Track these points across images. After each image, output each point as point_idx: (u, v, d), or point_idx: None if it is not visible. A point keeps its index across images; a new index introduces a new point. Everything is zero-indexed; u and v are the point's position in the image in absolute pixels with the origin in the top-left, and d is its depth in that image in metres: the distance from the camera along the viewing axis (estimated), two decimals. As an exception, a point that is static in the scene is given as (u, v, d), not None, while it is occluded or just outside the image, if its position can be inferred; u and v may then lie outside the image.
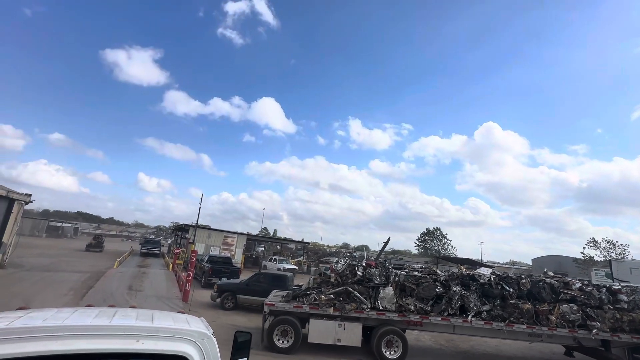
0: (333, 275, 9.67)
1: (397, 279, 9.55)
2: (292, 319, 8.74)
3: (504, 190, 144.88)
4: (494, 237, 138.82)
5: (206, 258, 22.10)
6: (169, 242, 58.45)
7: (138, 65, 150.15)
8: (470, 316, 8.88)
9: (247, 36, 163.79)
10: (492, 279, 9.64)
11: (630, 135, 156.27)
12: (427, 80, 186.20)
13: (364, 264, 10.05)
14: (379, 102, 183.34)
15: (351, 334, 8.63)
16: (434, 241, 73.84)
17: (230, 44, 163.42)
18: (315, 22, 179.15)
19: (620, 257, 41.58)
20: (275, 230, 55.20)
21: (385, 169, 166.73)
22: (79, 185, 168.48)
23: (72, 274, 17.91)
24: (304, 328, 9.02)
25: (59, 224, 65.17)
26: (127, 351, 2.15)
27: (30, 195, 19.87)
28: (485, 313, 9.04)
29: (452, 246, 72.44)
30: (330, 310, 8.75)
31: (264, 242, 49.21)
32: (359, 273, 9.53)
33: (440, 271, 10.47)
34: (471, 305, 9.07)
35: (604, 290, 9.97)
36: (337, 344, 8.62)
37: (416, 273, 9.96)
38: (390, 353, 8.60)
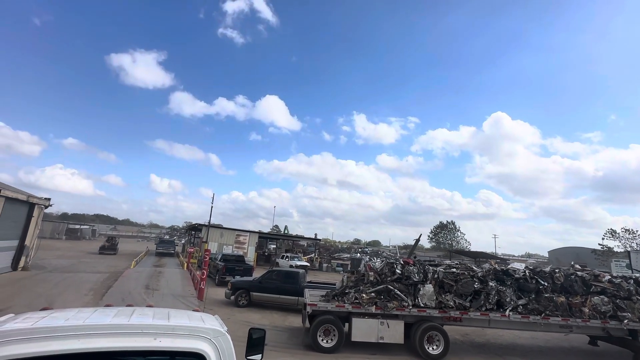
0: (371, 273, 9.67)
1: (436, 276, 9.59)
2: (334, 318, 8.76)
3: (516, 182, 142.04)
4: (507, 229, 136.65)
5: (219, 256, 22.43)
6: (182, 241, 59.59)
7: (143, 68, 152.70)
8: (507, 310, 9.02)
9: (247, 35, 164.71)
10: (527, 274, 9.79)
11: None
12: (430, 72, 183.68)
13: (401, 262, 10.06)
14: (383, 96, 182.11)
15: (394, 332, 8.67)
16: (447, 235, 72.98)
17: (232, 44, 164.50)
18: (314, 18, 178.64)
19: (640, 247, 40.31)
20: (286, 226, 55.54)
21: (393, 163, 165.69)
22: (94, 188, 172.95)
23: (91, 275, 18.47)
24: (344, 327, 9.09)
25: (77, 227, 67.15)
26: (145, 349, 2.22)
27: (49, 199, 20.54)
28: (521, 307, 9.20)
29: (465, 240, 71.45)
30: (373, 309, 8.77)
31: (275, 240, 49.60)
32: (397, 271, 9.57)
33: (476, 267, 10.54)
34: (507, 299, 9.22)
35: (632, 281, 10.14)
36: (381, 341, 8.65)
37: (454, 270, 9.96)
38: (432, 349, 8.66)
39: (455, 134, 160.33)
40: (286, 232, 53.94)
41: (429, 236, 76.92)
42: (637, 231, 42.27)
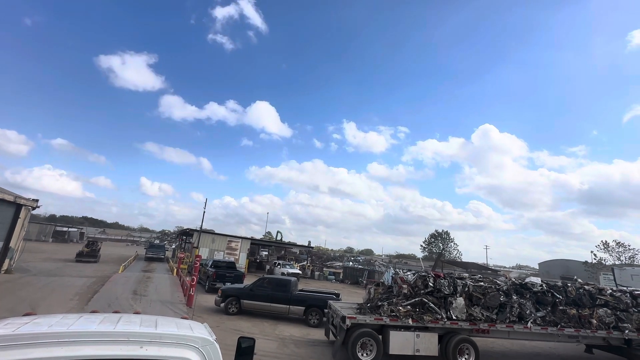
0: (405, 286, 9.83)
1: (466, 289, 9.91)
2: (373, 331, 8.76)
3: (505, 193, 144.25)
4: (498, 240, 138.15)
5: (210, 262, 22.12)
6: (173, 246, 58.68)
7: (133, 70, 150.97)
8: (529, 322, 9.58)
9: (237, 41, 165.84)
10: (544, 288, 10.45)
11: (626, 137, 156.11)
12: (419, 83, 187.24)
13: (432, 275, 10.24)
14: (372, 105, 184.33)
15: (429, 344, 8.83)
16: (440, 244, 73.22)
17: (222, 49, 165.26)
18: (303, 26, 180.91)
19: (631, 261, 40.96)
20: (278, 232, 54.99)
21: (383, 172, 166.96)
22: (83, 190, 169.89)
23: (77, 279, 18.04)
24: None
25: (65, 229, 65.72)
26: (131, 357, 2.17)
27: (37, 200, 20.13)
28: (539, 319, 9.77)
29: (458, 250, 71.72)
30: (409, 321, 8.91)
31: (267, 247, 49.18)
32: (430, 284, 9.79)
33: (500, 281, 10.91)
34: (527, 312, 9.77)
35: (628, 295, 10.96)
36: (417, 354, 8.72)
37: (481, 283, 10.35)
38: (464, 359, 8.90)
39: (445, 145, 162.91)
40: (280, 237, 53.54)
41: (422, 245, 77.10)
42: (628, 245, 42.98)
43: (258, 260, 42.11)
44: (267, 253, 49.24)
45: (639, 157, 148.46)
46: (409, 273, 10.71)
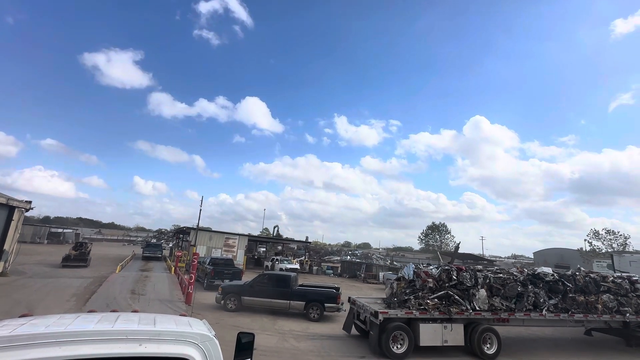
0: (430, 280, 10.16)
1: (487, 281, 10.35)
2: (404, 325, 9.07)
3: (498, 184, 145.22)
4: (493, 231, 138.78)
5: (208, 260, 22.12)
6: (170, 245, 58.50)
7: (119, 68, 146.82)
8: (544, 310, 10.21)
9: (223, 36, 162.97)
10: (556, 277, 11.08)
11: (613, 126, 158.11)
12: (408, 76, 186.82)
13: (455, 268, 10.56)
14: (363, 99, 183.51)
15: (455, 334, 9.26)
16: (437, 237, 73.82)
17: (208, 45, 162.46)
18: (289, 20, 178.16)
19: (622, 248, 41.68)
20: (276, 226, 54.91)
21: (377, 166, 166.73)
22: (76, 191, 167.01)
23: (74, 280, 17.94)
24: None
25: (60, 230, 65.13)
26: (130, 355, 2.16)
27: (30, 202, 19.88)
28: (552, 307, 10.42)
29: (454, 242, 72.46)
30: (437, 314, 9.28)
31: (265, 243, 49.24)
32: (453, 277, 10.19)
33: (517, 272, 11.34)
34: (541, 300, 10.38)
35: (627, 281, 11.73)
36: (445, 344, 9.12)
37: (501, 275, 10.82)
38: (486, 348, 9.29)
39: (437, 137, 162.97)
40: (276, 231, 53.52)
41: (419, 237, 77.72)
42: (618, 232, 43.70)
43: (256, 257, 42.18)
44: (264, 249, 49.33)
45: (628, 146, 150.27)
46: (431, 267, 11.08)
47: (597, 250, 43.30)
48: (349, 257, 53.25)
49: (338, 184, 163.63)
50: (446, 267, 10.69)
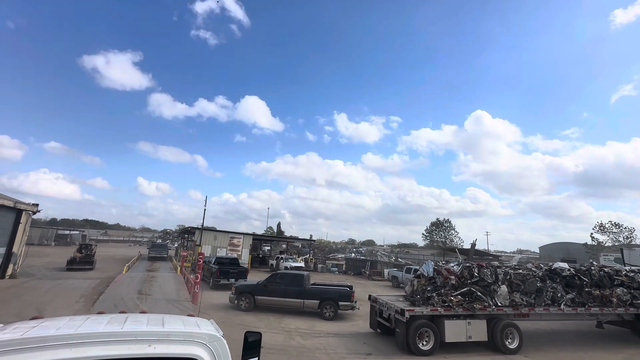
0: (452, 277, 10.27)
1: (508, 277, 10.51)
2: (430, 322, 9.21)
3: (501, 179, 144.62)
4: (497, 226, 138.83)
5: (213, 259, 22.24)
6: (175, 245, 58.89)
7: (118, 69, 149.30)
8: (562, 304, 10.41)
9: (220, 35, 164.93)
10: (573, 272, 11.34)
11: (615, 118, 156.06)
12: (407, 71, 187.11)
13: (476, 265, 10.67)
14: (362, 96, 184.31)
15: (479, 330, 9.41)
16: (442, 232, 73.38)
17: (205, 45, 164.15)
18: (286, 18, 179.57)
19: (628, 241, 41.28)
20: (279, 223, 54.92)
21: (379, 162, 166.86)
22: (81, 193, 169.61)
23: (82, 281, 18.14)
24: None
25: (67, 232, 65.90)
26: (140, 356, 2.19)
27: (37, 205, 20.10)
28: (569, 301, 10.63)
29: (459, 238, 71.93)
30: (461, 310, 9.42)
31: (269, 242, 49.40)
32: (475, 274, 10.32)
33: (536, 268, 11.52)
34: (559, 295, 10.61)
35: (639, 274, 11.97)
36: (469, 340, 9.29)
37: (521, 271, 10.98)
38: (508, 342, 9.46)
39: (439, 133, 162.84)
40: (278, 228, 53.55)
41: (423, 234, 77.37)
42: (623, 225, 43.21)
43: (261, 256, 42.31)
44: (269, 248, 49.48)
45: (632, 138, 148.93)
46: (452, 264, 11.21)
47: (602, 243, 42.86)
48: (353, 254, 53.29)
49: (340, 182, 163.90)
50: (467, 264, 10.77)
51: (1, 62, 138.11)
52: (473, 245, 35.70)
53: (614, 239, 42.87)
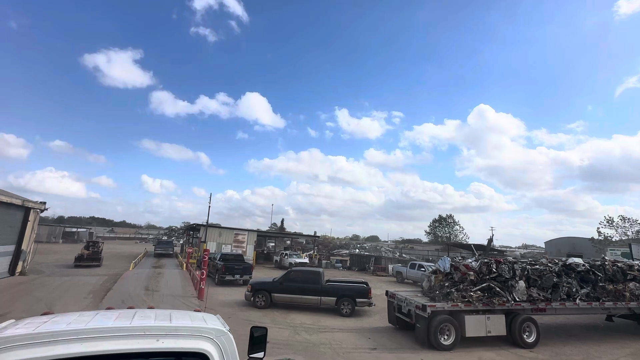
0: (471, 273, 10.33)
1: (526, 272, 10.61)
2: (450, 317, 9.30)
3: (505, 174, 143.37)
4: (502, 221, 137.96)
5: (218, 256, 22.43)
6: (181, 242, 59.44)
7: (119, 67, 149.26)
8: (577, 299, 10.56)
9: (220, 32, 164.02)
10: (587, 267, 11.46)
11: (621, 111, 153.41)
12: (409, 66, 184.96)
13: (494, 261, 10.74)
14: (363, 91, 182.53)
15: (498, 325, 9.56)
16: (445, 228, 73.20)
17: (205, 42, 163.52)
18: (285, 13, 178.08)
19: (636, 235, 40.78)
20: (282, 219, 55.20)
21: (381, 158, 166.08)
22: (87, 191, 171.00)
23: (90, 277, 18.41)
24: None
25: (74, 230, 66.83)
26: (149, 350, 2.23)
27: (44, 203, 20.38)
28: (584, 296, 10.76)
29: (464, 233, 71.68)
30: (480, 306, 9.55)
31: (274, 238, 49.64)
32: (493, 270, 10.42)
33: (551, 263, 11.56)
34: (574, 290, 10.73)
35: None
36: (488, 335, 9.43)
37: (537, 267, 11.07)
38: (526, 336, 9.61)
39: (441, 128, 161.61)
40: (282, 224, 53.95)
41: (426, 230, 77.27)
42: (632, 218, 42.57)
43: (265, 252, 42.58)
44: (273, 244, 49.76)
45: (639, 131, 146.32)
46: (470, 260, 11.22)
47: (610, 238, 42.37)
48: (357, 250, 53.37)
49: (343, 178, 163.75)
50: (485, 260, 10.83)
51: (5, 63, 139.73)
52: (490, 240, 35.59)
53: (623, 233, 42.37)
